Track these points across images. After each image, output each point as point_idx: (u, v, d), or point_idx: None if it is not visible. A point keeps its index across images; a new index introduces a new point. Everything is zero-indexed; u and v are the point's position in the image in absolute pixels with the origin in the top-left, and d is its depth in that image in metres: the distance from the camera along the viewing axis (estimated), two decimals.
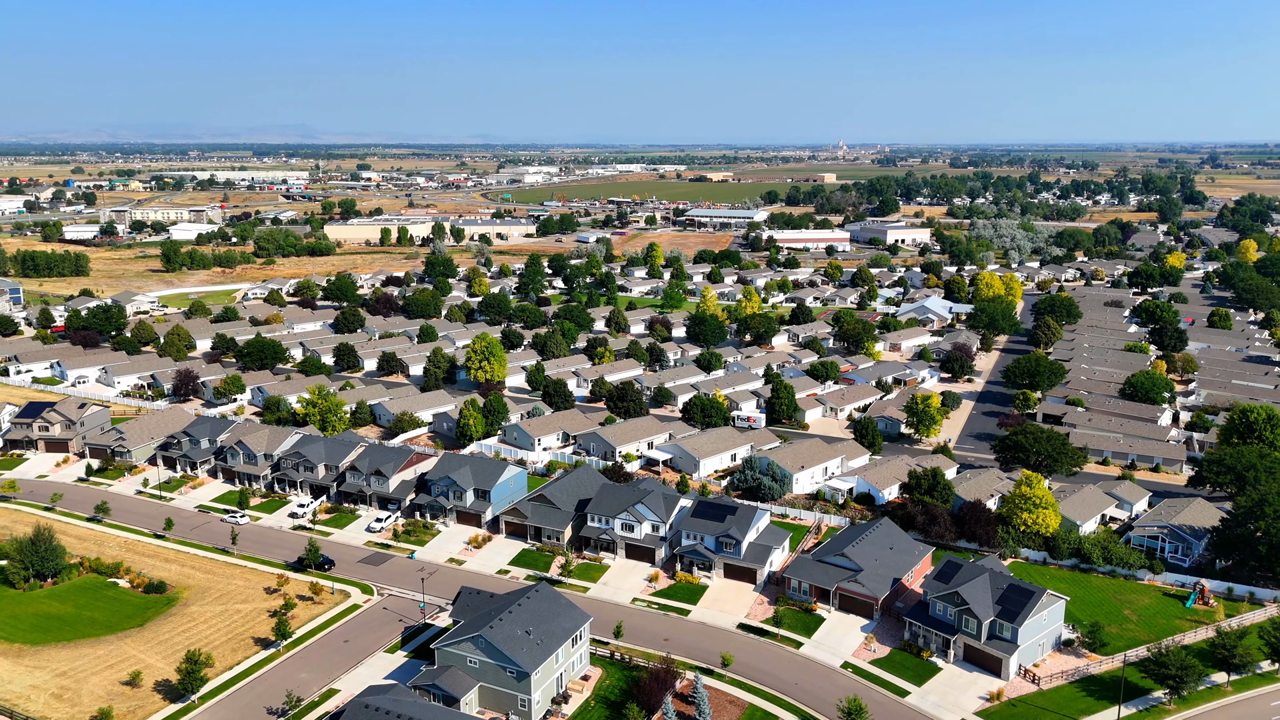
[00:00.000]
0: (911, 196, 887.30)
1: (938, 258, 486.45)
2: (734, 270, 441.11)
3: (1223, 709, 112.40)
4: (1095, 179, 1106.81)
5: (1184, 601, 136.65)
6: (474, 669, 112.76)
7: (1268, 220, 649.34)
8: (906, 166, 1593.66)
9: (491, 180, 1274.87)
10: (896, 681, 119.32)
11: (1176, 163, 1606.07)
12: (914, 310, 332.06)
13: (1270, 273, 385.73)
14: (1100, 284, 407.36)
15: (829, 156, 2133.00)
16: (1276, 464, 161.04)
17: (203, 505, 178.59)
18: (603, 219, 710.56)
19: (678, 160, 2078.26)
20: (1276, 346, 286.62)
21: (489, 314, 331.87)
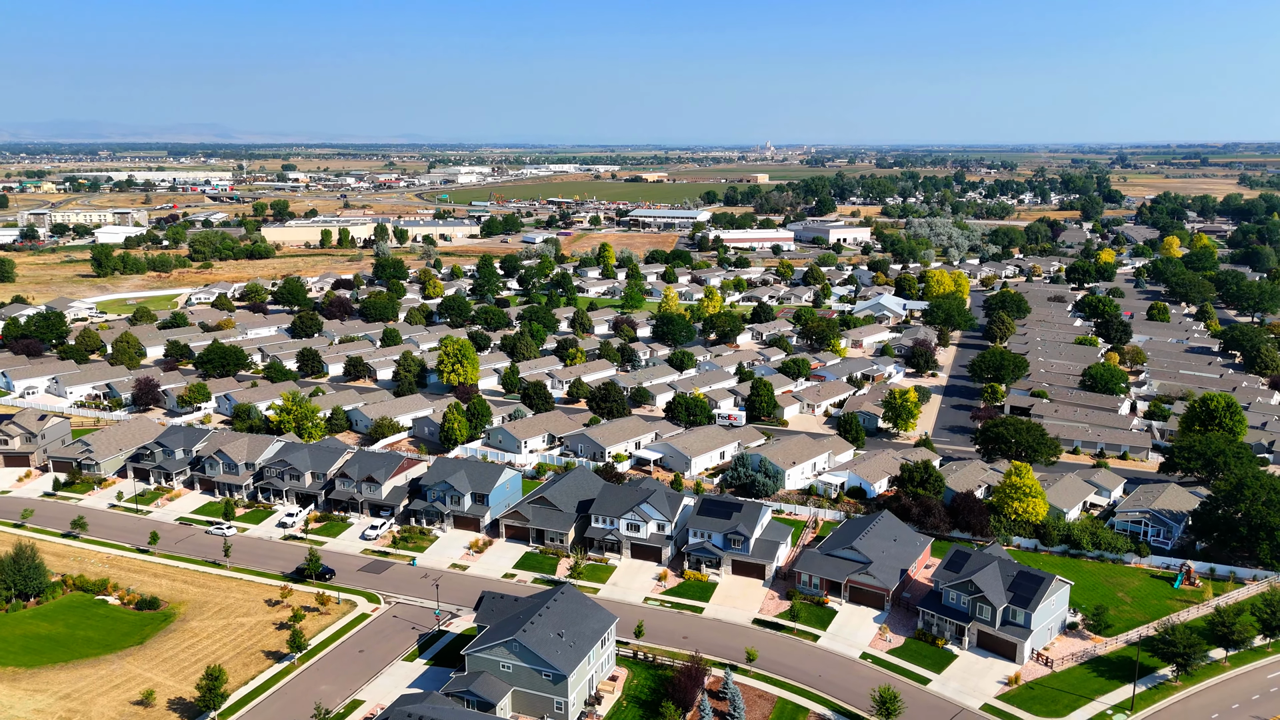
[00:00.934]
0: (845, 196, 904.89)
1: (881, 256, 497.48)
2: (687, 270, 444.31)
3: (1223, 683, 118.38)
4: (1016, 179, 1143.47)
5: (1171, 583, 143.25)
6: (507, 674, 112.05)
7: (1183, 218, 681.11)
8: (834, 167, 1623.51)
9: (424, 181, 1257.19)
10: (916, 670, 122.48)
11: (1089, 163, 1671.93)
12: (870, 307, 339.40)
13: (1197, 268, 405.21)
14: (1040, 280, 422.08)
15: (758, 157, 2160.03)
16: (1243, 449, 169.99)
17: (183, 518, 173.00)
18: (546, 219, 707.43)
19: (610, 161, 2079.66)
20: (1214, 338, 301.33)
21: (449, 316, 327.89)
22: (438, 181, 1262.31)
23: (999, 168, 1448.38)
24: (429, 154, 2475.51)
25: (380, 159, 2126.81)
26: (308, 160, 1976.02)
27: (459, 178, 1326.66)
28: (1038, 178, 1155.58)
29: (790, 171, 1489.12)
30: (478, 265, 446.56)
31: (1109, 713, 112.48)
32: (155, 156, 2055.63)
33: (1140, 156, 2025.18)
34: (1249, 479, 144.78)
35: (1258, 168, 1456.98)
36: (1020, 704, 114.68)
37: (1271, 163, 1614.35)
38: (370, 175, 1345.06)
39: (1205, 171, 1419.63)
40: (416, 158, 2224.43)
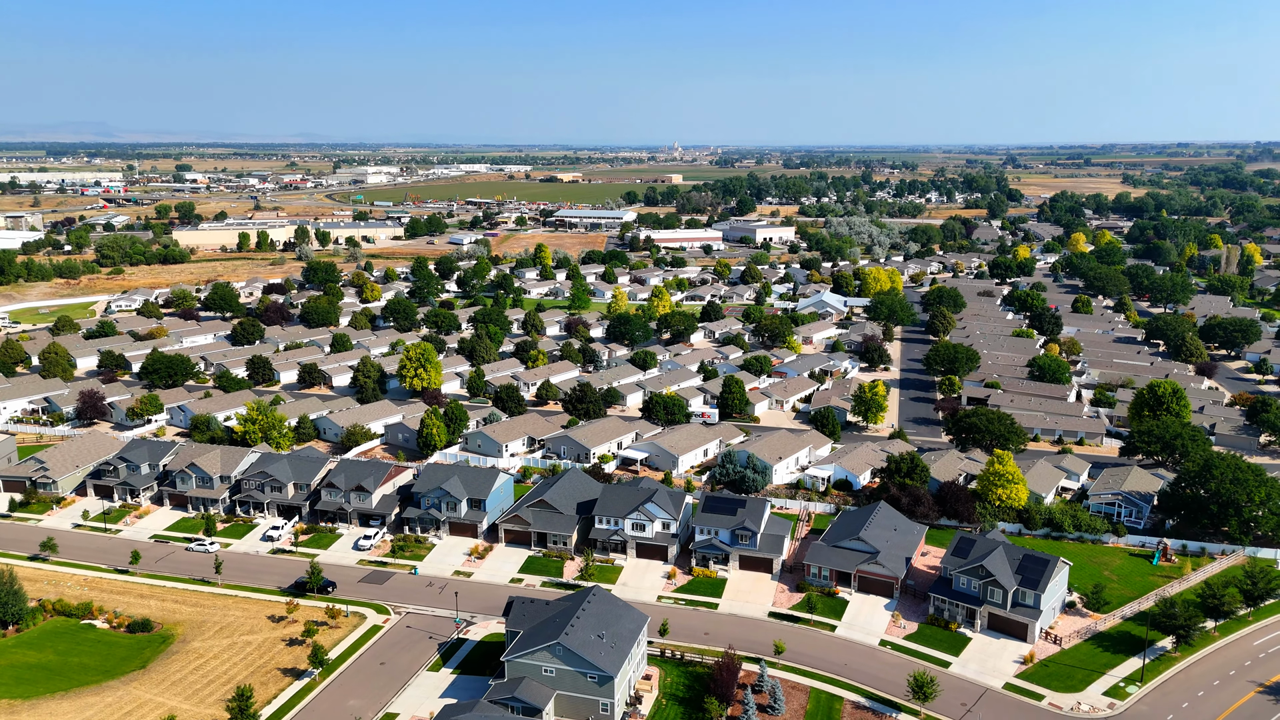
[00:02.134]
0: (762, 196, 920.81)
1: (810, 254, 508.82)
2: (625, 270, 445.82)
3: (1217, 652, 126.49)
4: (919, 178, 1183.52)
5: (1150, 560, 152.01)
6: (550, 678, 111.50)
7: (1081, 215, 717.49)
8: (744, 167, 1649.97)
9: (332, 181, 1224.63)
10: (935, 654, 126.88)
11: (982, 163, 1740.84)
12: (813, 304, 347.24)
13: (1108, 262, 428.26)
14: (965, 276, 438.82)
15: (667, 158, 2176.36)
16: (1198, 432, 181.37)
17: (158, 535, 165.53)
18: (469, 220, 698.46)
19: (520, 161, 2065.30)
20: (1135, 328, 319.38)
21: (395, 320, 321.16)
22: (346, 182, 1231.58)
23: (901, 168, 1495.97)
24: (330, 153, 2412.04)
25: (280, 159, 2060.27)
26: (202, 160, 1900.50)
27: (368, 178, 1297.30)
28: (939, 177, 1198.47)
29: (701, 172, 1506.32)
30: (412, 268, 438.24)
31: (1121, 685, 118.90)
32: (34, 156, 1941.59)
33: (1028, 157, 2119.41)
34: (1216, 459, 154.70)
35: (1136, 167, 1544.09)
36: (1039, 681, 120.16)
37: (1148, 162, 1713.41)
38: (274, 176, 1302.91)
39: (1090, 171, 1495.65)
40: (318, 157, 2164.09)
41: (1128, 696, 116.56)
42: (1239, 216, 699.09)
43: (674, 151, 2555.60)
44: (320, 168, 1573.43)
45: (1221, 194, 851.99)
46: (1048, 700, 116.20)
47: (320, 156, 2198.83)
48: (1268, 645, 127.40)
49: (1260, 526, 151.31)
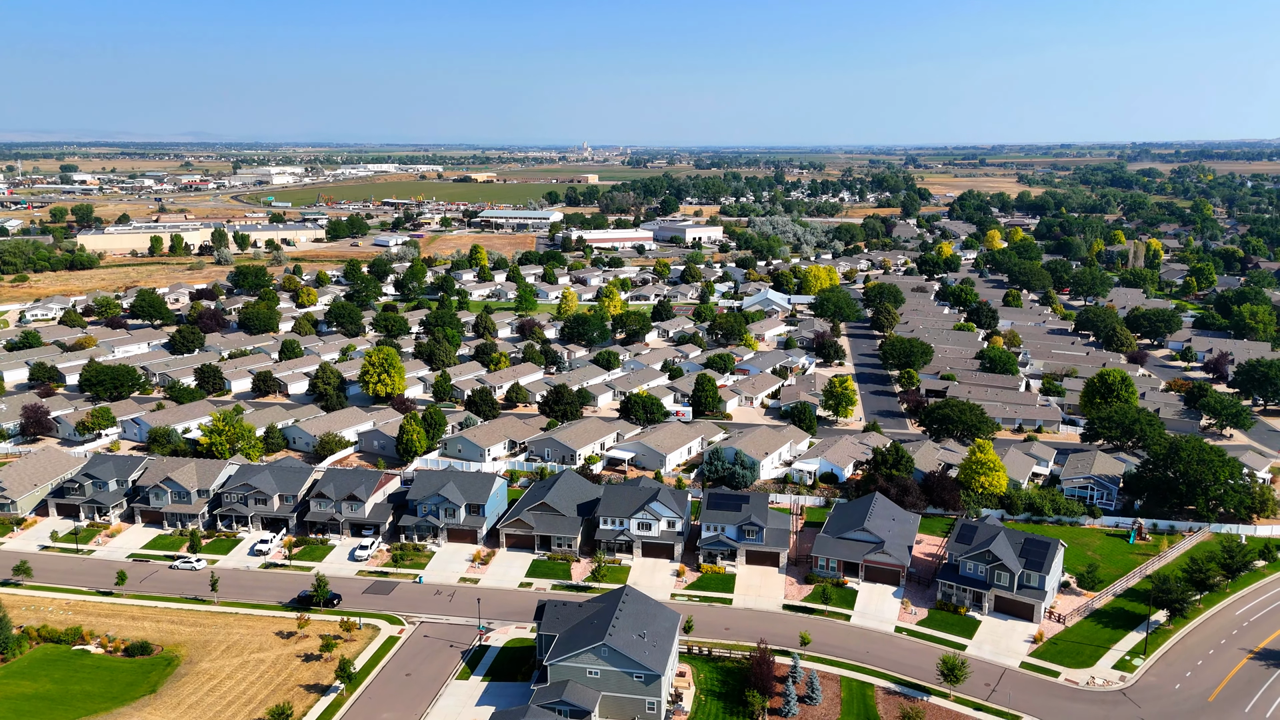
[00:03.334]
0: (682, 196, 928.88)
1: (742, 253, 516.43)
2: (564, 271, 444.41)
3: (1206, 622, 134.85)
4: (827, 178, 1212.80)
5: (1126, 539, 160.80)
6: (594, 679, 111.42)
7: (988, 213, 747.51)
8: (656, 168, 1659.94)
9: (235, 182, 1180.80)
10: (950, 638, 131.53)
11: (885, 164, 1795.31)
12: (758, 302, 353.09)
13: (1027, 257, 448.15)
14: (895, 273, 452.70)
15: (578, 158, 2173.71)
16: (1154, 418, 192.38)
17: (136, 554, 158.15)
18: (391, 221, 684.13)
19: (427, 160, 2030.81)
20: (1063, 320, 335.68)
21: (340, 325, 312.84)
22: (250, 183, 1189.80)
23: (809, 168, 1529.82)
24: (225, 153, 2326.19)
25: (173, 158, 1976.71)
26: (87, 160, 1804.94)
27: (273, 179, 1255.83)
28: (847, 177, 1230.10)
29: (615, 171, 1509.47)
30: (345, 271, 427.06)
31: (1127, 658, 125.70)
32: None
33: (925, 157, 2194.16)
34: (1182, 443, 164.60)
35: (1028, 167, 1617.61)
36: (1052, 658, 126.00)
37: (1037, 162, 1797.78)
38: (170, 176, 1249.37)
39: (986, 171, 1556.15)
40: (213, 157, 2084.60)
41: (1135, 669, 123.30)
42: (1132, 213, 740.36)
43: (583, 151, 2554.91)
44: (219, 168, 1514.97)
45: (1112, 192, 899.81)
46: (1064, 676, 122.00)
47: (216, 156, 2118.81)
48: (1249, 614, 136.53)
49: (1225, 504, 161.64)
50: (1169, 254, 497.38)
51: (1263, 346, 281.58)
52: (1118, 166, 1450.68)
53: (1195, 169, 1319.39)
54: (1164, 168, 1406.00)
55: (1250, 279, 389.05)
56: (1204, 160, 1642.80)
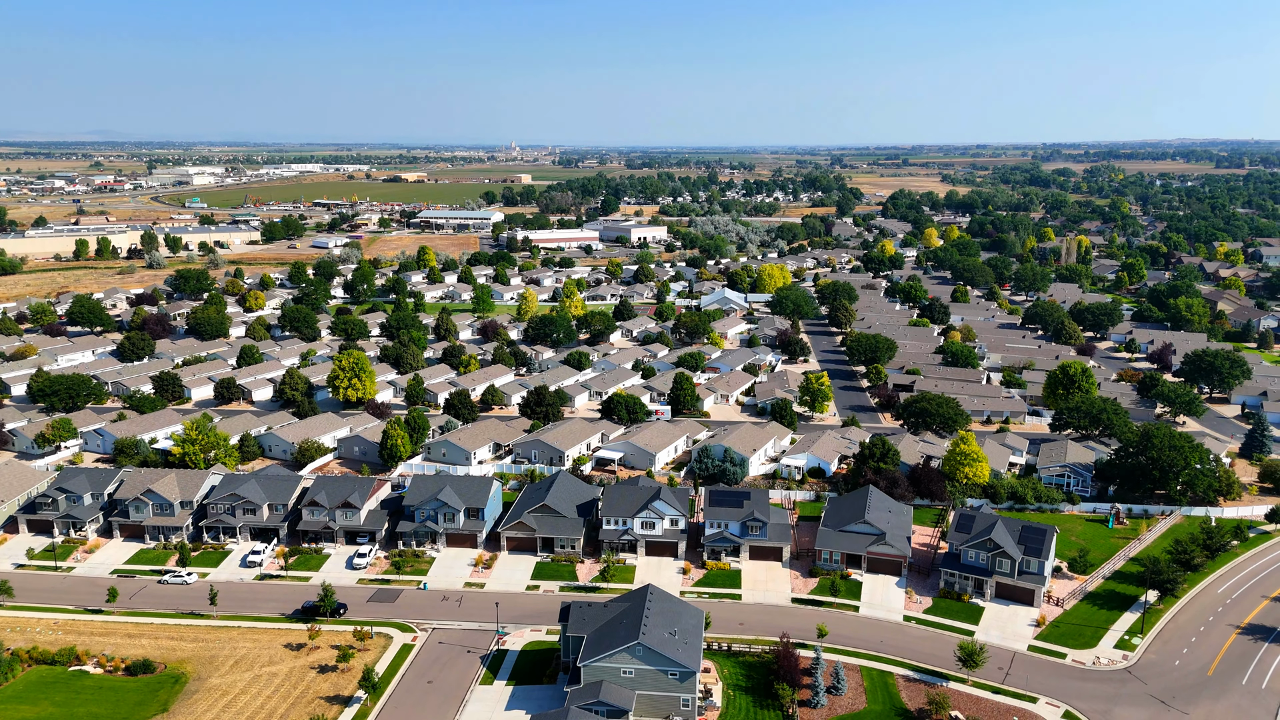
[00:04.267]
0: (620, 196, 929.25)
1: (688, 253, 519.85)
2: (515, 271, 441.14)
3: (1193, 600, 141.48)
4: (759, 178, 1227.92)
5: (1105, 524, 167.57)
6: (629, 678, 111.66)
7: (920, 211, 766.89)
8: (588, 167, 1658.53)
9: (154, 183, 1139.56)
10: (957, 624, 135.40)
11: (813, 164, 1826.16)
12: (716, 301, 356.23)
13: (968, 254, 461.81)
14: (842, 270, 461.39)
15: (507, 157, 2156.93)
16: (1119, 407, 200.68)
17: (120, 570, 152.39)
18: (327, 223, 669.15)
19: (351, 160, 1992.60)
20: (1010, 314, 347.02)
21: (296, 329, 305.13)
22: (169, 184, 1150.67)
23: (739, 168, 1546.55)
24: (136, 152, 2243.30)
25: (82, 158, 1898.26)
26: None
27: (193, 179, 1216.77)
28: (778, 177, 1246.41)
29: (547, 171, 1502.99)
30: (289, 274, 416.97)
31: (1126, 637, 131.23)
32: None
33: (850, 157, 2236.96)
34: (1154, 430, 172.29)
35: (949, 166, 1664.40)
36: (1056, 640, 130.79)
37: (956, 162, 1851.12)
38: (83, 177, 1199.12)
39: (910, 171, 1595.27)
40: (124, 156, 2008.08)
41: (1135, 648, 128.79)
42: (1054, 211, 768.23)
43: (511, 151, 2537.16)
44: (132, 168, 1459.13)
45: (1034, 191, 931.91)
46: (1071, 658, 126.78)
47: (127, 156, 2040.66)
48: (1230, 591, 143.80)
49: (1195, 488, 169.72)
50: (1096, 250, 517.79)
51: (1199, 337, 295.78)
52: (1033, 166, 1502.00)
53: (1106, 169, 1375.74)
54: (1077, 167, 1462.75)
55: (1178, 273, 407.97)
56: (1112, 160, 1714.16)
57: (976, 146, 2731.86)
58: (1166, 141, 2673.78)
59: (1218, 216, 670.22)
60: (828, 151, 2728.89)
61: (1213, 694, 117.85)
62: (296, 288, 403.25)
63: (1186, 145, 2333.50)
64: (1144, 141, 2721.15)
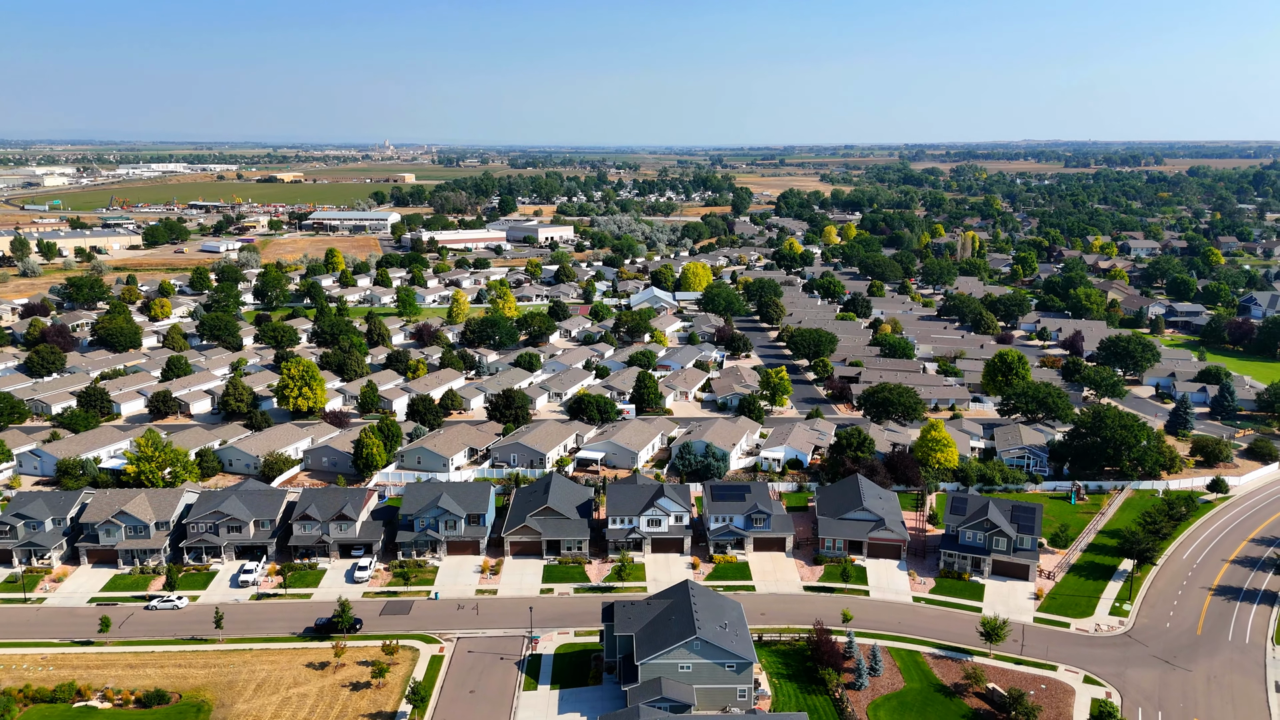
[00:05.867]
0: (514, 194, 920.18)
1: (600, 252, 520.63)
2: (431, 274, 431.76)
3: (1165, 566, 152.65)
4: (645, 178, 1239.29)
5: (1068, 500, 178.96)
6: (687, 673, 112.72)
7: (810, 210, 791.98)
8: (470, 166, 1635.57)
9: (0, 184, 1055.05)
10: (963, 601, 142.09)
11: (694, 164, 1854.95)
12: (647, 300, 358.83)
13: (871, 250, 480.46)
14: (756, 268, 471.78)
15: (382, 156, 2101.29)
16: (1062, 392, 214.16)
17: (98, 598, 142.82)
18: (211, 225, 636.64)
19: (214, 159, 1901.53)
20: (924, 307, 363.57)
21: (219, 338, 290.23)
22: (16, 185, 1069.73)
23: (625, 168, 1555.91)
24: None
25: None
26: None
27: (43, 180, 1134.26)
28: (664, 177, 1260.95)
29: (430, 171, 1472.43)
30: (191, 280, 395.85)
31: (1117, 604, 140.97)
32: None
33: (729, 157, 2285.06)
34: (1106, 411, 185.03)
35: (824, 166, 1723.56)
36: (1056, 611, 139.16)
37: (830, 162, 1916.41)
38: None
39: (789, 170, 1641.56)
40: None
41: (1128, 614, 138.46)
42: (935, 209, 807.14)
43: (386, 149, 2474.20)
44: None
45: (912, 190, 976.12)
46: (1074, 626, 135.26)
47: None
48: (1194, 557, 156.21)
49: (1144, 464, 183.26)
50: (983, 245, 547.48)
51: (1100, 325, 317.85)
52: (903, 165, 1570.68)
53: (970, 168, 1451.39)
54: (944, 166, 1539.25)
55: (1065, 266, 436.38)
56: (972, 160, 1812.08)
57: (845, 147, 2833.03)
58: (1015, 143, 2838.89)
59: (1081, 213, 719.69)
60: (704, 151, 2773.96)
61: (1207, 651, 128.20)
62: (200, 294, 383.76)
63: (1034, 146, 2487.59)
64: (996, 143, 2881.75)
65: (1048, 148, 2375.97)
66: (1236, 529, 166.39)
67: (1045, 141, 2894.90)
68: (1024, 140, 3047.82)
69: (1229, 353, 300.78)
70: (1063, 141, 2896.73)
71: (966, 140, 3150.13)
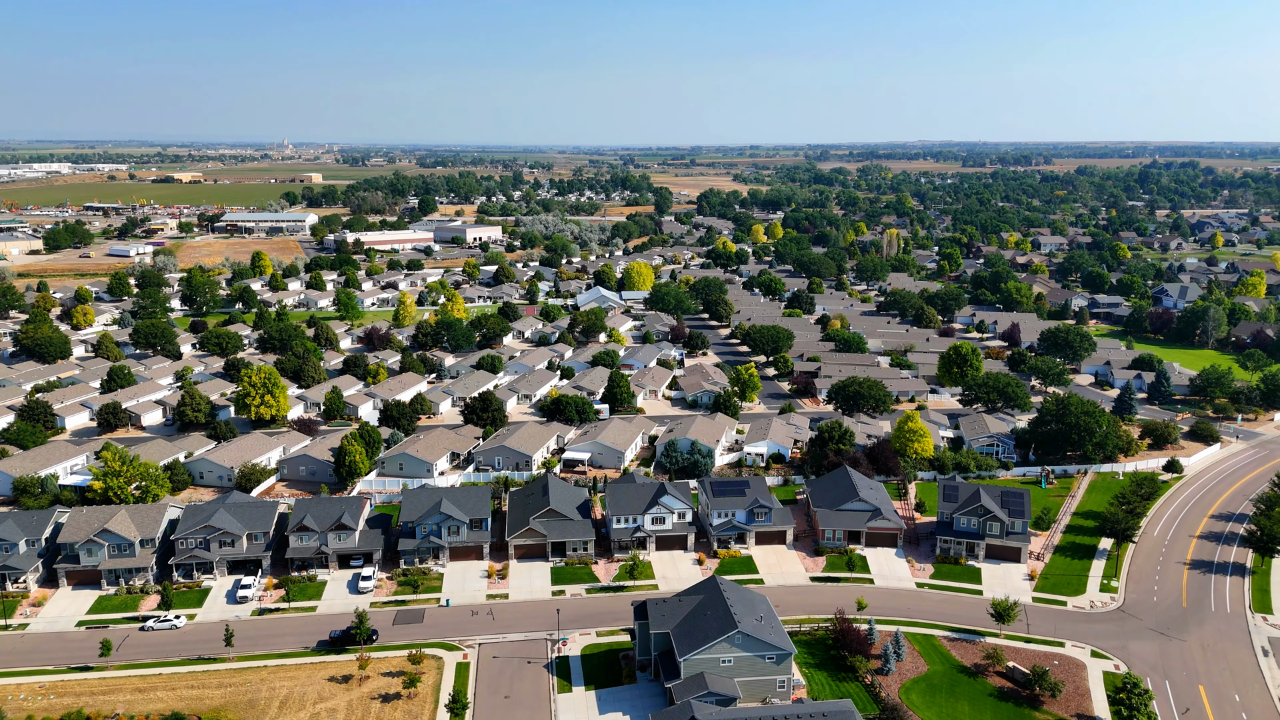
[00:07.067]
0: (431, 193, 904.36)
1: (530, 252, 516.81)
2: (364, 276, 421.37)
3: (1141, 543, 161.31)
4: (560, 177, 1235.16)
5: (1039, 484, 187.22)
6: (729, 667, 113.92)
7: (732, 209, 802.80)
8: (377, 166, 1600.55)
9: None
10: (964, 585, 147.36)
11: (606, 163, 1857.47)
12: (594, 300, 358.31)
13: (801, 248, 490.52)
14: (694, 267, 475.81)
15: (282, 155, 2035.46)
16: (1020, 382, 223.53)
17: (86, 621, 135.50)
18: (116, 228, 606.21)
19: (100, 159, 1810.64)
20: (864, 303, 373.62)
21: (158, 346, 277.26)
22: None
23: (538, 167, 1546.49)
24: None
25: None
26: None
27: None
28: (580, 176, 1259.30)
29: (337, 171, 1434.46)
30: (109, 286, 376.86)
31: (1105, 581, 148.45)
32: None
33: (639, 157, 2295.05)
34: (1070, 399, 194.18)
35: (733, 166, 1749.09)
36: (1051, 590, 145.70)
37: (739, 162, 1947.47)
38: None
39: (700, 170, 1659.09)
40: None
41: (1116, 590, 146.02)
42: (851, 208, 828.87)
43: (285, 148, 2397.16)
44: None
45: (826, 190, 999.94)
46: (1071, 604, 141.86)
47: None
48: (1163, 534, 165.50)
49: (1105, 448, 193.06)
50: (907, 243, 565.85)
51: (1031, 317, 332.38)
52: (811, 165, 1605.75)
53: (875, 168, 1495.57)
54: (850, 166, 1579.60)
55: (988, 261, 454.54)
56: (874, 160, 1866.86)
57: (750, 147, 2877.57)
58: (912, 143, 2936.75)
59: (989, 210, 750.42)
60: (613, 151, 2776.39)
61: (1196, 621, 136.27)
62: (119, 301, 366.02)
63: (929, 147, 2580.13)
64: (894, 143, 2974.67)
65: (943, 148, 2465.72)
66: (1196, 506, 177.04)
67: (939, 142, 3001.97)
68: (919, 141, 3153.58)
69: (1151, 341, 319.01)
70: (955, 142, 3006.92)
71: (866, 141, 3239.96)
